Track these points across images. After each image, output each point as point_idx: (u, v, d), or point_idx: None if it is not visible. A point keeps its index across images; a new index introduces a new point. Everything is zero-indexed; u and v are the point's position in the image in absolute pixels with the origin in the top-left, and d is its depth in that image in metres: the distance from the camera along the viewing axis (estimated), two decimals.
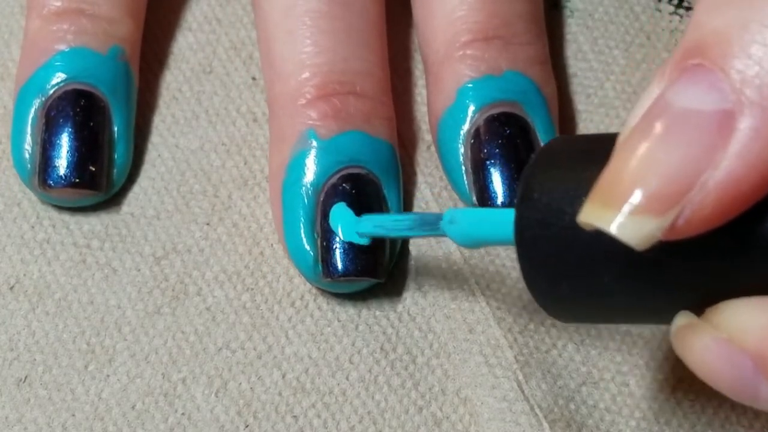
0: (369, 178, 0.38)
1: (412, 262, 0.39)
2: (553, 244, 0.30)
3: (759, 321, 0.27)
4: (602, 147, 0.28)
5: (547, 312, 0.31)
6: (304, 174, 0.38)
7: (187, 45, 0.42)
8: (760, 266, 0.27)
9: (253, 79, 0.42)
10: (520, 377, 0.38)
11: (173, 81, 0.42)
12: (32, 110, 0.39)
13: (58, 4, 0.40)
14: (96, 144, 0.39)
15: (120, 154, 0.39)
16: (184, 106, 0.42)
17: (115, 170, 0.39)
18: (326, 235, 0.37)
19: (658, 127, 0.27)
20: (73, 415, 0.37)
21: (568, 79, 0.42)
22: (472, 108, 0.39)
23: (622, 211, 0.26)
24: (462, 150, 0.39)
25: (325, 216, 0.37)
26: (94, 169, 0.39)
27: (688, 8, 0.43)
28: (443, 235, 0.34)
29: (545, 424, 0.37)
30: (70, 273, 0.39)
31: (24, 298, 0.39)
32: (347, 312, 0.39)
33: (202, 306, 0.39)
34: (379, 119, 0.39)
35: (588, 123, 0.42)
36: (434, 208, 0.40)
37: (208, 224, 0.40)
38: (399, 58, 0.42)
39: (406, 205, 0.40)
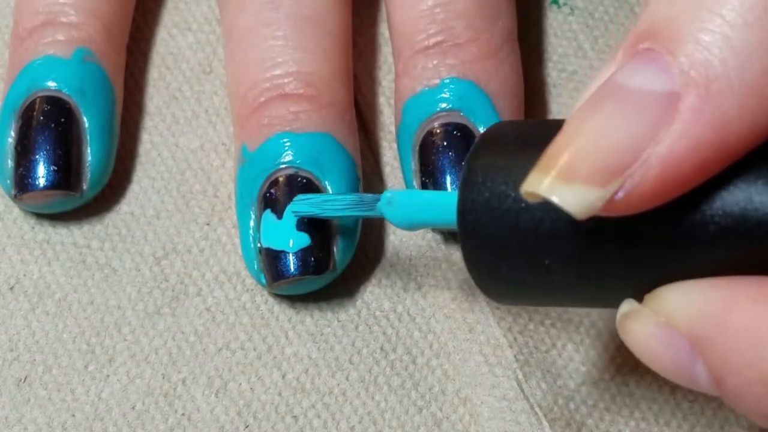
0: (300, 176, 0.38)
1: (412, 262, 0.39)
2: (496, 226, 0.30)
3: (693, 303, 0.28)
4: (547, 131, 0.28)
5: (486, 294, 0.32)
6: (242, 189, 0.38)
7: (187, 45, 0.42)
8: (696, 251, 0.28)
9: None
10: (520, 376, 0.38)
11: (173, 81, 0.42)
12: (7, 128, 0.39)
13: (31, 20, 0.40)
14: (61, 146, 0.38)
15: (95, 154, 0.39)
16: (184, 106, 0.42)
17: (89, 170, 0.39)
18: (260, 244, 0.37)
19: (607, 103, 0.27)
20: (73, 415, 0.37)
21: (568, 76, 0.42)
22: (413, 125, 0.39)
23: (565, 180, 0.27)
24: (412, 166, 0.39)
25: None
26: (57, 169, 0.38)
27: None
28: (380, 216, 0.35)
29: (545, 423, 0.37)
30: (70, 273, 0.39)
31: (24, 298, 0.39)
32: (347, 312, 0.39)
33: (202, 306, 0.39)
34: (308, 113, 0.38)
35: None
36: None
37: (208, 224, 0.40)
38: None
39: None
